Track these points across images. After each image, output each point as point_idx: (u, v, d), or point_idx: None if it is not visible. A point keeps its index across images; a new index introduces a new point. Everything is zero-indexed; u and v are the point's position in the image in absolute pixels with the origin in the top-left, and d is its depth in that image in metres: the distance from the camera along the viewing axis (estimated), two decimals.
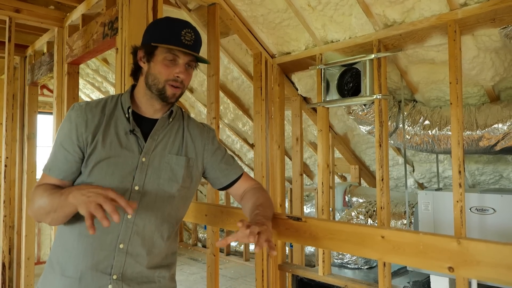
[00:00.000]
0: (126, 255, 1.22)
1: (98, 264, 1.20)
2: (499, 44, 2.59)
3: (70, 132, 1.24)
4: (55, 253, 1.27)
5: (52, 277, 1.24)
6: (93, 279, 1.20)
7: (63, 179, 1.24)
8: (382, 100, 2.85)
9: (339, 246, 1.30)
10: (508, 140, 2.99)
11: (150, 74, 1.27)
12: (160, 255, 1.30)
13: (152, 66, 1.27)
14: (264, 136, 3.48)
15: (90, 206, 1.03)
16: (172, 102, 1.31)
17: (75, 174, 1.25)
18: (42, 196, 1.18)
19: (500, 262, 0.97)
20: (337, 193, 4.67)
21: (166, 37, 1.24)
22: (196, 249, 7.14)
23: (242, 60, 3.99)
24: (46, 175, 1.25)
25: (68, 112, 1.28)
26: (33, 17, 3.28)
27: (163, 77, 1.25)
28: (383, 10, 2.70)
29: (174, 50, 1.25)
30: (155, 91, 1.27)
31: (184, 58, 1.26)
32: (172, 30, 1.25)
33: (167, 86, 1.26)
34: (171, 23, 1.28)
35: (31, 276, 3.78)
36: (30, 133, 4.00)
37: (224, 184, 1.45)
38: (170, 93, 1.27)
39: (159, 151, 1.30)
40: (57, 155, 1.24)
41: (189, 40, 1.25)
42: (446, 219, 2.92)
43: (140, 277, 1.25)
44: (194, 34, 1.27)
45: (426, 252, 1.10)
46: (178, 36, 1.23)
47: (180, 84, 1.28)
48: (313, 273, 3.34)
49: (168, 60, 1.25)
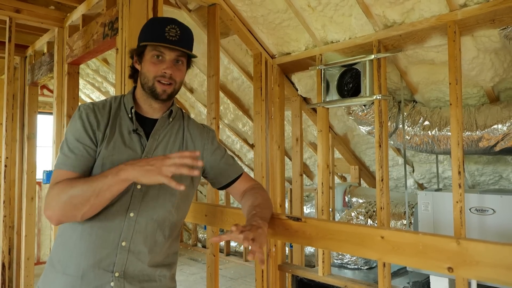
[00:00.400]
0: (128, 252, 1.23)
1: (101, 262, 1.21)
2: (498, 45, 2.60)
3: (85, 128, 1.25)
4: (56, 252, 1.27)
5: (53, 275, 1.25)
6: (95, 277, 1.21)
7: (84, 174, 1.21)
8: (382, 100, 2.86)
9: (339, 247, 1.30)
10: (507, 141, 2.99)
11: (142, 74, 1.31)
12: (162, 253, 1.31)
13: (142, 65, 1.31)
14: (264, 136, 3.48)
15: (165, 171, 1.08)
16: (164, 99, 1.32)
17: (89, 172, 1.23)
18: (74, 186, 1.14)
19: (499, 263, 0.98)
20: (337, 194, 4.67)
21: (150, 35, 1.29)
22: (196, 249, 7.14)
23: (242, 60, 3.99)
24: (64, 172, 1.20)
25: (76, 112, 1.30)
26: (33, 17, 3.28)
27: (152, 74, 1.28)
28: (383, 11, 2.70)
29: (158, 47, 1.27)
30: (147, 90, 1.30)
31: (170, 54, 1.28)
32: (156, 27, 1.28)
33: (156, 83, 1.28)
34: (156, 21, 1.34)
35: (31, 276, 3.78)
36: (30, 133, 4.01)
37: (223, 183, 1.47)
38: (160, 90, 1.29)
39: (160, 150, 1.32)
40: (75, 151, 1.22)
41: (173, 36, 1.27)
42: (446, 220, 2.92)
43: (142, 275, 1.26)
44: (180, 29, 1.29)
45: (426, 253, 1.10)
46: (162, 32, 1.26)
47: (169, 80, 1.29)
48: (313, 273, 3.34)
49: (155, 58, 1.28)
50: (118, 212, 1.23)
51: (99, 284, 1.21)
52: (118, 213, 1.23)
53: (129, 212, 1.24)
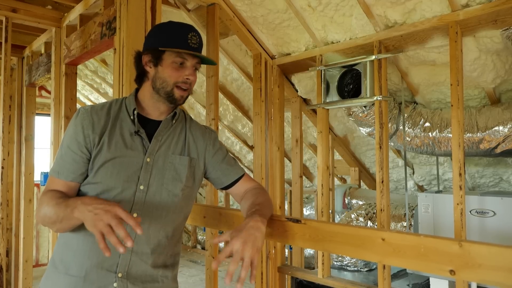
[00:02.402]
0: (131, 253, 1.25)
1: (104, 262, 1.22)
2: (500, 46, 2.58)
3: (76, 134, 1.27)
4: (58, 253, 1.29)
5: (55, 276, 1.26)
6: (99, 277, 1.22)
7: (72, 180, 1.26)
8: (383, 101, 2.84)
9: (339, 249, 1.28)
10: (508, 143, 2.97)
11: (158, 78, 1.31)
12: (164, 254, 1.33)
13: (160, 70, 1.30)
14: (264, 137, 3.46)
15: (99, 225, 1.03)
16: (180, 104, 1.35)
17: (83, 175, 1.27)
18: (48, 204, 1.19)
19: (501, 265, 0.96)
20: (336, 195, 4.66)
21: (174, 41, 1.28)
22: (195, 251, 7.13)
23: (242, 61, 3.97)
24: (54, 179, 1.27)
25: (73, 116, 1.31)
26: (30, 17, 3.25)
27: (172, 80, 1.29)
28: (384, 11, 2.68)
29: (182, 54, 1.29)
30: (163, 94, 1.31)
31: (192, 60, 1.31)
32: (179, 34, 1.29)
33: (175, 89, 1.30)
34: (178, 27, 1.32)
35: (29, 279, 3.75)
36: (27, 134, 3.99)
37: (225, 184, 1.47)
38: (178, 96, 1.31)
39: (163, 152, 1.33)
40: (64, 158, 1.27)
41: (195, 43, 1.30)
42: (446, 222, 2.91)
43: (145, 276, 1.27)
44: (199, 37, 1.32)
45: (427, 255, 1.08)
46: (185, 39, 1.28)
47: (189, 86, 1.32)
48: (313, 275, 3.32)
49: (177, 64, 1.29)
50: None
51: (102, 285, 1.22)
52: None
53: (132, 213, 1.26)
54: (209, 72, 2.99)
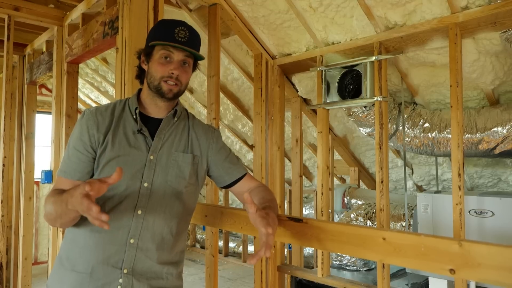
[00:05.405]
0: (136, 249, 1.26)
1: (109, 259, 1.24)
2: (499, 48, 2.60)
3: (81, 134, 1.29)
4: (64, 249, 1.30)
5: (62, 272, 1.27)
6: (104, 274, 1.23)
7: (79, 179, 1.27)
8: (383, 102, 2.85)
9: (340, 248, 1.29)
10: (507, 144, 2.99)
11: (149, 73, 1.34)
12: (169, 251, 1.33)
13: (150, 65, 1.34)
14: (264, 137, 3.47)
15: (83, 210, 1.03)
16: (170, 98, 1.34)
17: (89, 174, 1.29)
18: (49, 202, 1.23)
19: (501, 265, 0.97)
20: (336, 195, 4.67)
21: (160, 35, 1.31)
22: (194, 250, 7.13)
23: (243, 61, 3.98)
24: (61, 178, 1.30)
25: (79, 118, 1.34)
26: (33, 16, 3.26)
27: (159, 75, 1.30)
28: (384, 13, 2.70)
29: (168, 47, 1.30)
30: (153, 89, 1.33)
31: (179, 55, 1.31)
32: (165, 28, 1.32)
33: (162, 83, 1.31)
34: (166, 23, 1.35)
35: (29, 277, 3.76)
36: (28, 132, 3.99)
37: (227, 182, 1.48)
38: (166, 89, 1.31)
39: (166, 149, 1.35)
40: (71, 158, 1.29)
41: (182, 37, 1.29)
42: (445, 222, 2.92)
43: (150, 272, 1.28)
44: (189, 32, 1.32)
45: (428, 254, 1.09)
46: (172, 33, 1.29)
47: (175, 81, 1.31)
48: (312, 274, 3.33)
49: (163, 58, 1.30)
50: (126, 210, 1.26)
51: (108, 281, 1.23)
52: (126, 211, 1.26)
53: (137, 209, 1.27)
54: (210, 72, 3.00)
